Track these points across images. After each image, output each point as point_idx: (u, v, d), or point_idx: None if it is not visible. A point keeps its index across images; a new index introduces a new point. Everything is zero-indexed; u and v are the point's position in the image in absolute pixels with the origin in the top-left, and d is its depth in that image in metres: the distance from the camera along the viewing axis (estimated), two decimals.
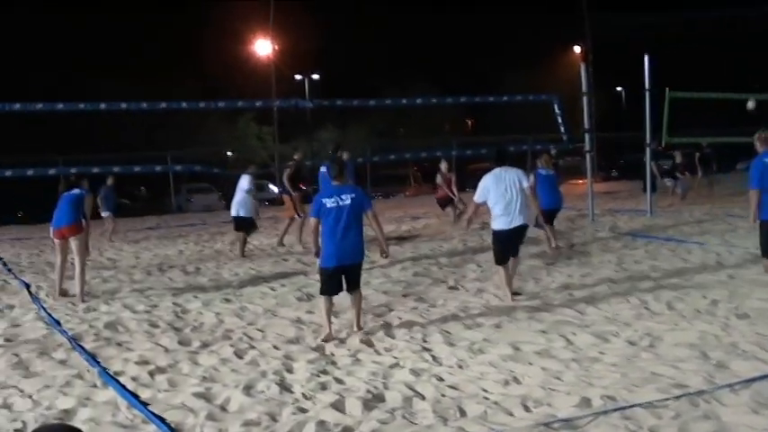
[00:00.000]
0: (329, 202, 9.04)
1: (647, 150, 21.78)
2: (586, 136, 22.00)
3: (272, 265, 15.35)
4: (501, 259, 10.71)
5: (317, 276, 9.65)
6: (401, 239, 18.46)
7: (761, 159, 10.65)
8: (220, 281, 13.70)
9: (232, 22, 51.62)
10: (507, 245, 10.69)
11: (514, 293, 10.75)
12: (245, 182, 16.97)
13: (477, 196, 10.76)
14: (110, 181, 22.52)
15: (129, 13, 54.90)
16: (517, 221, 10.54)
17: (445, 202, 20.50)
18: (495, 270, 11.14)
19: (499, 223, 10.59)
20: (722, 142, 28.94)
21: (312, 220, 9.27)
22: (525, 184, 10.65)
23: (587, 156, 22.08)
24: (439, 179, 20.53)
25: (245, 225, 16.93)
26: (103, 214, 22.20)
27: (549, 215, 14.36)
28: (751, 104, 19.70)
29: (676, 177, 25.52)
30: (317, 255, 9.38)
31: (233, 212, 17.03)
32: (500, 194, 10.49)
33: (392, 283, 12.44)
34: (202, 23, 52.23)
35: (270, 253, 17.24)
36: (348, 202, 8.99)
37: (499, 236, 10.65)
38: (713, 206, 22.39)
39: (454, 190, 20.28)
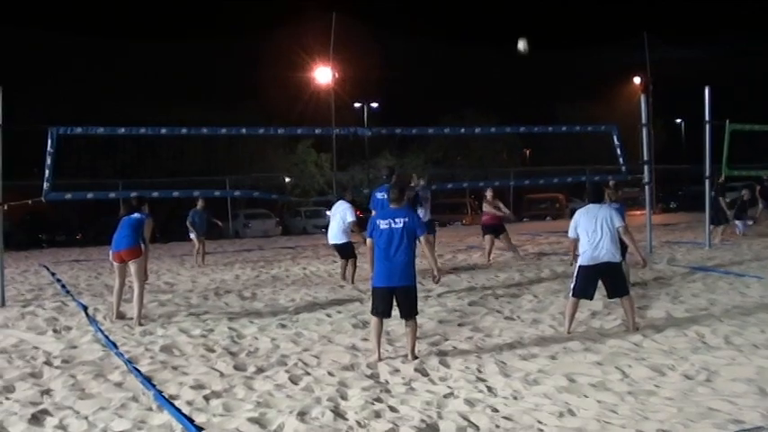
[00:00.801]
0: (383, 224, 9.18)
1: (707, 183, 21.58)
2: (645, 167, 21.84)
3: (327, 291, 15.39)
4: (579, 292, 10.62)
5: None
6: (456, 269, 18.43)
7: None
8: (276, 306, 13.76)
9: (294, 50, 52.06)
10: (593, 281, 10.60)
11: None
12: (347, 212, 16.63)
13: (570, 232, 10.77)
14: (199, 204, 22.48)
15: (191, 38, 55.68)
16: (603, 258, 10.44)
17: (488, 230, 20.34)
18: (568, 300, 10.98)
19: (585, 259, 10.54)
20: None
21: (368, 241, 9.38)
22: (618, 224, 10.55)
23: (646, 187, 21.93)
24: (485, 207, 20.45)
25: (349, 250, 16.81)
26: (191, 235, 22.31)
27: None
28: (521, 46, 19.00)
29: (743, 218, 25.00)
30: (371, 279, 9.46)
31: (332, 240, 16.93)
32: (590, 230, 10.47)
33: (447, 312, 12.42)
34: (264, 51, 52.69)
35: (326, 279, 17.28)
36: (401, 225, 9.09)
37: (586, 270, 10.57)
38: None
39: (503, 209, 20.26)
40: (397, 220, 9.16)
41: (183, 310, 13.56)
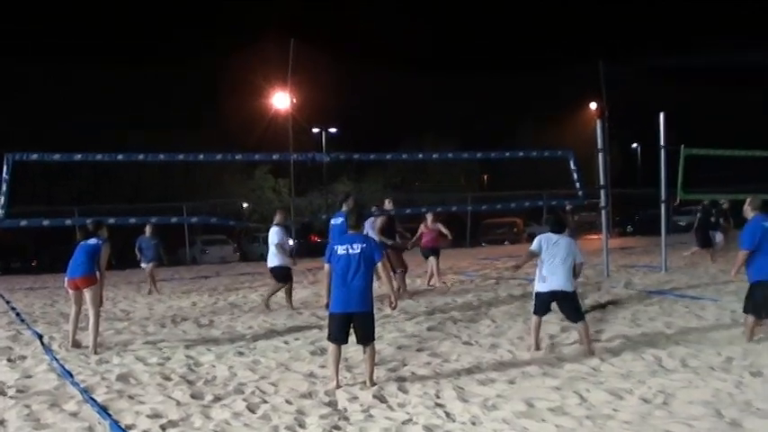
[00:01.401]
0: (340, 249, 9.17)
1: (662, 207, 21.76)
2: (602, 192, 21.98)
3: (285, 318, 15.32)
4: (538, 311, 10.92)
5: None
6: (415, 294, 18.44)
7: (756, 222, 10.76)
8: (234, 334, 13.68)
9: (252, 76, 52.10)
10: (547, 304, 10.84)
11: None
12: (274, 235, 16.97)
13: (535, 245, 10.85)
14: (147, 231, 22.19)
15: (147, 65, 55.54)
16: (557, 287, 10.63)
17: (429, 252, 20.43)
18: (533, 318, 11.08)
19: (540, 285, 10.78)
20: (738, 199, 28.89)
21: (325, 267, 9.34)
22: (579, 260, 10.77)
23: (603, 212, 22.06)
24: (422, 228, 20.56)
25: (283, 274, 16.93)
26: (143, 265, 22.06)
27: None
28: None
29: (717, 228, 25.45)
30: (327, 306, 9.41)
31: (269, 264, 17.16)
32: (547, 258, 10.65)
33: (406, 338, 12.40)
34: (222, 76, 52.72)
35: (284, 306, 17.22)
36: (358, 250, 9.07)
37: (541, 296, 10.83)
38: (728, 262, 22.33)
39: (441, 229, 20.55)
40: (354, 245, 9.15)
41: (139, 338, 13.44)
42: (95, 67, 53.69)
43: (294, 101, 47.81)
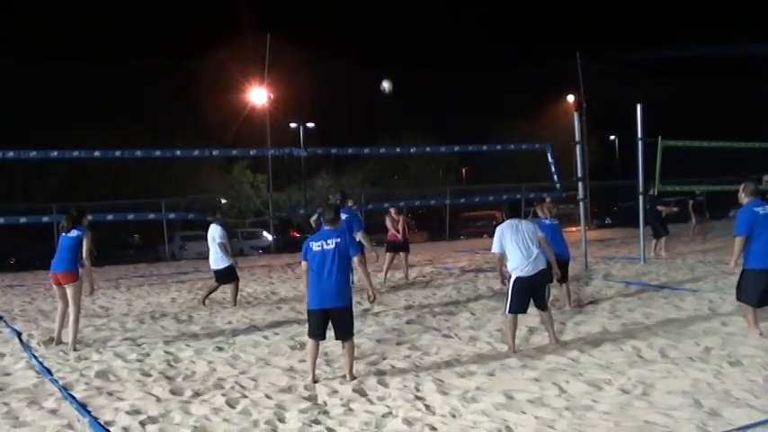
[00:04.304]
0: (315, 246, 9.18)
1: (640, 198, 21.83)
2: (580, 184, 22.05)
3: (264, 313, 15.29)
4: (517, 307, 10.65)
5: None
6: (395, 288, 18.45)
7: (750, 208, 10.70)
8: (213, 329, 13.64)
9: (228, 71, 51.95)
10: (528, 293, 10.66)
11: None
12: (216, 233, 16.51)
13: (496, 247, 10.76)
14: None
15: (123, 61, 55.36)
16: (540, 266, 10.61)
17: (390, 247, 20.44)
18: (506, 319, 10.81)
19: (522, 271, 10.57)
20: (714, 190, 29.07)
21: (302, 264, 9.32)
22: (540, 234, 10.84)
23: (581, 204, 22.11)
24: (388, 222, 20.55)
25: (229, 274, 16.70)
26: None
27: (561, 268, 14.26)
28: (385, 86, 19.05)
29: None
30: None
31: (212, 266, 16.82)
32: (520, 243, 10.57)
33: (385, 331, 12.41)
34: (199, 72, 52.52)
35: (263, 301, 17.18)
36: (332, 246, 9.07)
37: (524, 283, 10.59)
38: (706, 253, 22.46)
39: (400, 227, 20.45)
40: (329, 241, 9.15)
41: (118, 335, 13.38)
42: (71, 63, 53.42)
43: (271, 96, 47.80)
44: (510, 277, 10.66)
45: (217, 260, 16.52)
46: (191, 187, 48.63)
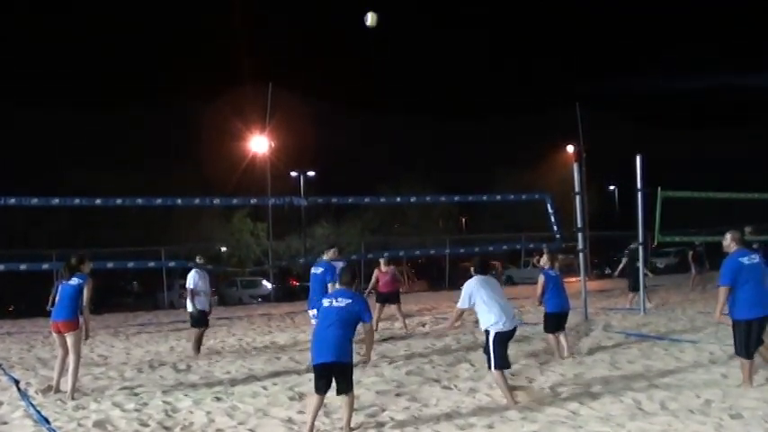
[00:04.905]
0: (325, 302, 9.26)
1: (640, 249, 21.83)
2: (579, 235, 22.06)
3: (264, 362, 15.24)
4: (504, 362, 10.57)
5: (310, 375, 9.61)
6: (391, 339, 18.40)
7: (735, 258, 10.70)
8: (211, 379, 13.60)
9: (230, 119, 52.24)
10: (506, 347, 10.66)
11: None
12: (188, 278, 16.99)
13: (462, 302, 10.79)
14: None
15: (126, 108, 55.60)
16: (515, 323, 10.70)
17: (380, 297, 20.43)
18: (495, 375, 10.65)
19: (504, 325, 10.52)
20: (715, 241, 29.08)
21: (312, 321, 9.37)
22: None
23: (580, 254, 22.10)
24: (376, 273, 20.57)
25: (196, 318, 16.94)
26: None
27: (561, 319, 14.31)
28: (369, 18, 18.55)
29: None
30: None
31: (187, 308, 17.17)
32: (497, 298, 10.60)
33: (385, 383, 12.36)
34: (201, 120, 52.82)
35: (262, 350, 17.14)
36: (342, 304, 9.08)
37: (503, 336, 10.55)
38: (706, 304, 22.41)
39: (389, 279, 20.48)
40: (339, 299, 9.18)
41: (116, 384, 13.34)
42: (76, 110, 53.80)
43: (272, 144, 47.94)
44: (488, 333, 10.61)
45: (188, 304, 16.90)
46: (191, 235, 48.62)
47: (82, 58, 74.20)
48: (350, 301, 9.17)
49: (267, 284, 47.63)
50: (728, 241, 10.97)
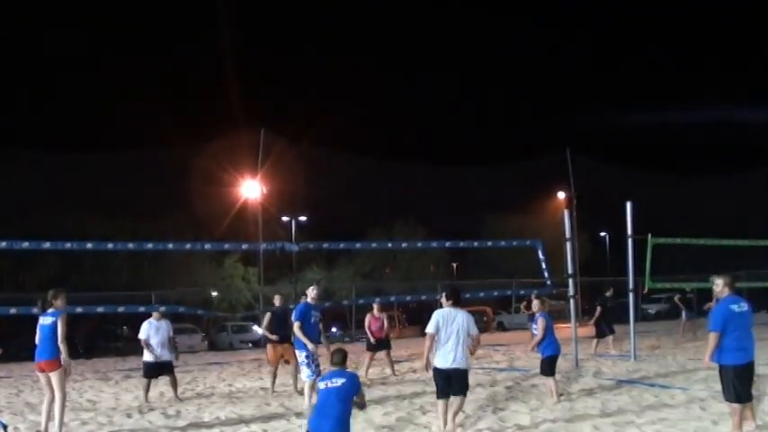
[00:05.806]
0: (322, 384, 9.24)
1: (630, 296, 21.91)
2: (570, 281, 22.11)
3: (254, 408, 15.17)
4: (442, 394, 11.06)
5: (299, 422, 9.57)
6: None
7: (726, 305, 10.73)
8: (201, 424, 13.53)
9: (222, 165, 52.32)
10: (447, 382, 10.99)
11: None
12: (141, 331, 17.23)
13: (432, 328, 11.05)
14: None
15: (116, 152, 55.69)
16: (456, 363, 10.89)
17: (375, 345, 20.44)
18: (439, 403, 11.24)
19: (439, 361, 10.89)
20: (706, 288, 29.16)
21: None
22: (474, 332, 11.18)
23: (571, 300, 22.13)
24: (368, 318, 20.64)
25: (145, 369, 17.10)
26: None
27: (554, 362, 14.35)
28: None
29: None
30: None
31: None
32: (447, 334, 10.89)
33: (375, 429, 12.31)
34: (193, 165, 52.91)
35: (252, 396, 17.09)
36: (338, 384, 9.07)
37: (437, 372, 10.96)
38: (696, 351, 22.40)
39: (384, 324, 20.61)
40: (334, 380, 9.16)
41: (105, 429, 13.29)
42: (62, 152, 53.75)
43: (264, 190, 48.05)
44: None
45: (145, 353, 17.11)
46: (182, 279, 48.59)
47: (74, 101, 74.46)
48: (345, 380, 9.19)
49: (257, 329, 47.53)
50: (720, 287, 11.01)
